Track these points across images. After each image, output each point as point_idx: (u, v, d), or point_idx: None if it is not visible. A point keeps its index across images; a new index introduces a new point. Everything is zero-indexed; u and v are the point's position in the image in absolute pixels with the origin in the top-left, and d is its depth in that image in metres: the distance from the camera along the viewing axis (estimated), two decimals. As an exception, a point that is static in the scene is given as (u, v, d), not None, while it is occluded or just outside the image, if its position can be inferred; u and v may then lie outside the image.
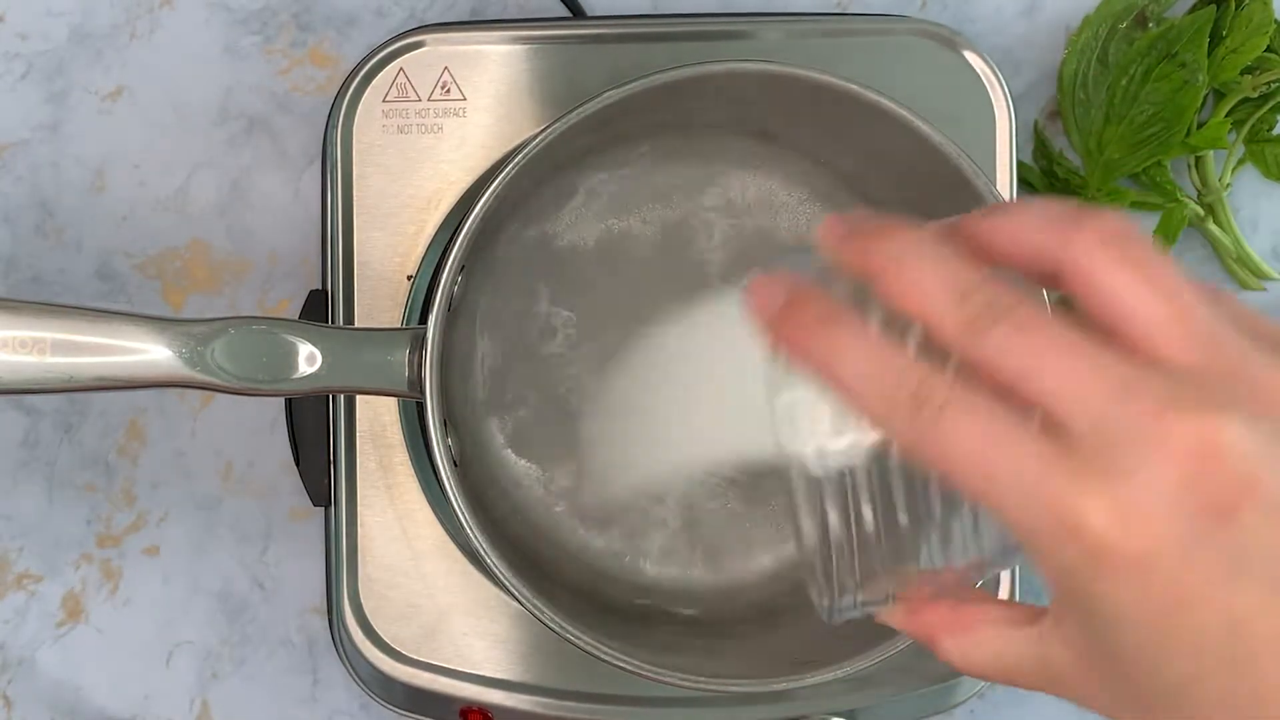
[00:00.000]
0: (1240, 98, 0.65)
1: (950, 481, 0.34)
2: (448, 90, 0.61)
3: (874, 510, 0.37)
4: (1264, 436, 0.31)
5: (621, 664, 0.53)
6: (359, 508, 0.61)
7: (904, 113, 0.54)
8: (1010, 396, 0.33)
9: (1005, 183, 0.62)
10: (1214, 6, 0.64)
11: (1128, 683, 0.34)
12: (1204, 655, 0.32)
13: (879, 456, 0.37)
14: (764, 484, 0.63)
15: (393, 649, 0.61)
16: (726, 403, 0.63)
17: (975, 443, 0.33)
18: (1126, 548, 0.32)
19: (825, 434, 0.38)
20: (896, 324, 0.35)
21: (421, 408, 0.53)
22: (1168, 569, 0.32)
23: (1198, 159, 0.67)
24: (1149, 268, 0.34)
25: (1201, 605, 0.32)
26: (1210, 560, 0.32)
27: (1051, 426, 0.33)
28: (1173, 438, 0.31)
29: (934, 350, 0.34)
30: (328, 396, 0.61)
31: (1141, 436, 0.31)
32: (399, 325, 0.61)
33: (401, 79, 0.61)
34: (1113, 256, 0.34)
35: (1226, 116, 0.65)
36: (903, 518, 0.37)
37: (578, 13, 0.66)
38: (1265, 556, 0.31)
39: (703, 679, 0.54)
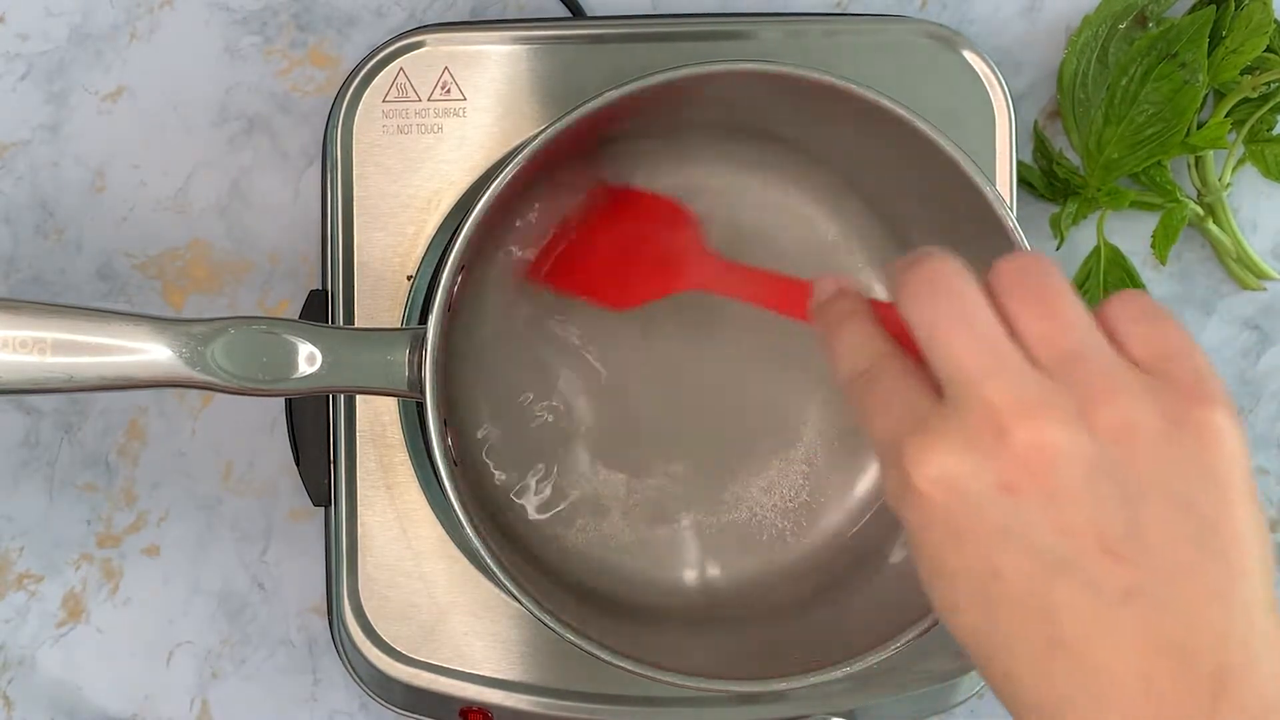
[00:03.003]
0: (1240, 98, 0.65)
1: (843, 391, 0.43)
2: (448, 90, 0.61)
3: None
4: (1070, 443, 0.39)
5: (621, 664, 0.53)
6: (359, 508, 0.61)
7: (904, 113, 0.54)
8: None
9: (1005, 183, 0.62)
10: (1214, 6, 0.64)
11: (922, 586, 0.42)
12: (962, 591, 0.40)
13: None
14: (762, 483, 0.63)
15: (393, 649, 0.61)
16: (727, 405, 0.63)
17: (867, 364, 0.43)
18: (925, 489, 0.39)
19: None
20: None
21: (421, 408, 0.53)
22: (952, 516, 0.39)
23: (1198, 159, 0.67)
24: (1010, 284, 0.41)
25: (972, 550, 0.39)
26: (988, 520, 0.39)
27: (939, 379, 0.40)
28: (1003, 423, 0.39)
29: None
30: (328, 396, 0.61)
31: (983, 414, 0.39)
32: (399, 325, 0.61)
33: (401, 79, 0.61)
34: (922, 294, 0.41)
35: (1226, 116, 0.65)
36: None
37: (578, 13, 0.66)
38: (1029, 531, 0.39)
39: (703, 679, 0.54)
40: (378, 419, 0.61)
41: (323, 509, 0.62)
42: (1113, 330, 0.41)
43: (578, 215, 0.61)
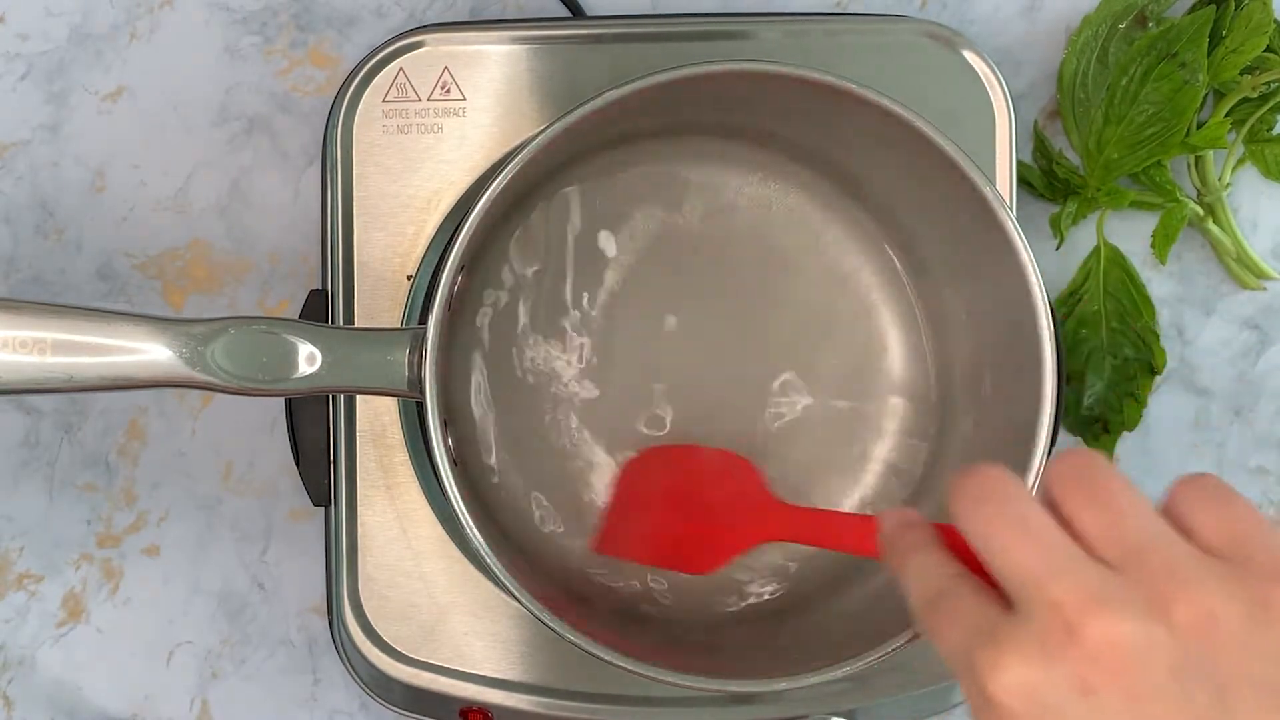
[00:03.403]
0: (1240, 98, 0.65)
1: (919, 623, 0.42)
2: (448, 90, 0.61)
3: None
4: (1145, 638, 0.37)
5: (621, 664, 0.53)
6: (359, 508, 0.61)
7: (904, 113, 0.54)
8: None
9: (1005, 183, 0.62)
10: (1214, 6, 0.64)
11: None
12: None
13: None
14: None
15: (393, 649, 0.61)
16: (731, 407, 0.63)
17: (937, 591, 0.42)
18: (1002, 699, 0.38)
19: None
20: None
21: (421, 408, 0.53)
22: None
23: (1198, 159, 0.67)
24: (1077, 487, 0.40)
25: None
26: None
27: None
28: (1071, 621, 0.38)
29: None
30: (328, 396, 0.61)
31: (1051, 615, 0.38)
32: (399, 325, 0.61)
33: (401, 79, 0.61)
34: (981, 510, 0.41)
35: (1226, 116, 0.65)
36: None
37: (578, 13, 0.66)
38: None
39: (702, 679, 0.54)
40: (378, 419, 0.61)
41: (323, 509, 0.62)
42: (1180, 517, 0.40)
43: (636, 481, 0.62)
